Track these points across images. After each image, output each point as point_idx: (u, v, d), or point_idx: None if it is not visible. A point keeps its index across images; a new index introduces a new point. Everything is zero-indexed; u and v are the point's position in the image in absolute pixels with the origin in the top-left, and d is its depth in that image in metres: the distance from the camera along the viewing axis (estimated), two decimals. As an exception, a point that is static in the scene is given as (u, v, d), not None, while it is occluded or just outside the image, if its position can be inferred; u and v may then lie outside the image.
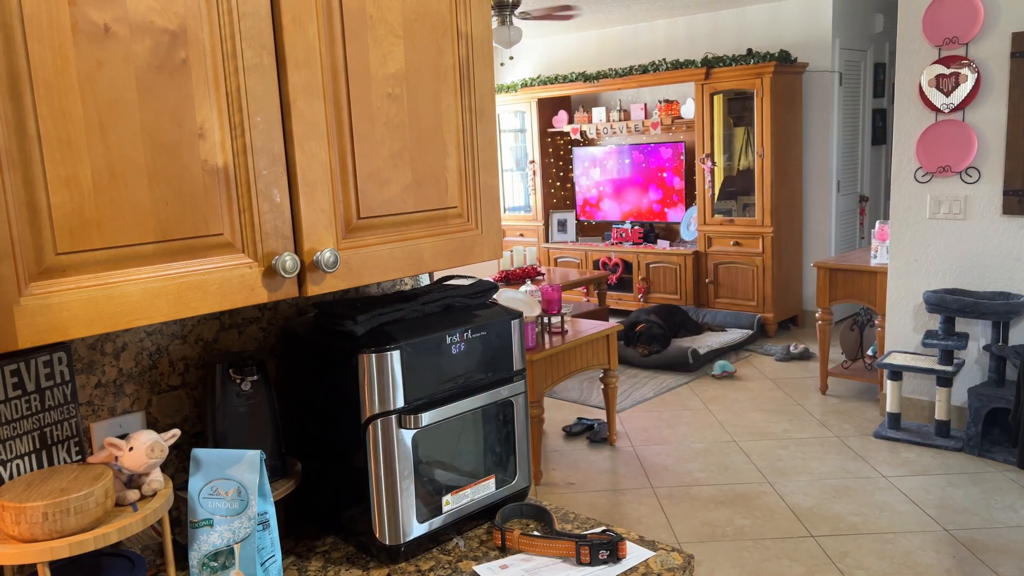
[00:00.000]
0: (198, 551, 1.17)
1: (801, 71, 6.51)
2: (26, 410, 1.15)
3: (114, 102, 0.94)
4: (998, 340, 4.13)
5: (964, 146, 4.15)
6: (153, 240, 1.00)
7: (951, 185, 4.26)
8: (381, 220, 1.23)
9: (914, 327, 4.53)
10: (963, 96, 4.10)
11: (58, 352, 1.18)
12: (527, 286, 4.79)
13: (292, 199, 1.12)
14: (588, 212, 7.93)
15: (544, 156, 8.11)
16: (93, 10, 0.92)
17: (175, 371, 1.37)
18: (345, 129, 1.17)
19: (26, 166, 0.89)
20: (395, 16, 1.21)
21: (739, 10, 6.84)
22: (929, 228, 4.38)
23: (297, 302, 1.52)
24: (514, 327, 1.43)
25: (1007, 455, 4.06)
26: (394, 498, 1.28)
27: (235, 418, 1.29)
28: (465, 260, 1.36)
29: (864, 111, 6.87)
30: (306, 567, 1.32)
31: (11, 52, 0.87)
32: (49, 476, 1.06)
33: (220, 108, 1.04)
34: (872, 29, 6.79)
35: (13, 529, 0.99)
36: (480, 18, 1.32)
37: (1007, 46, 3.98)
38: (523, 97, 8.03)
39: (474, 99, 1.33)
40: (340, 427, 1.33)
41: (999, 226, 4.17)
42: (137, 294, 0.98)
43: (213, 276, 1.05)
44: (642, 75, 7.06)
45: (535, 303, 4.06)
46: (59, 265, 0.92)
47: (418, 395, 1.30)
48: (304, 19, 1.10)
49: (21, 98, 0.88)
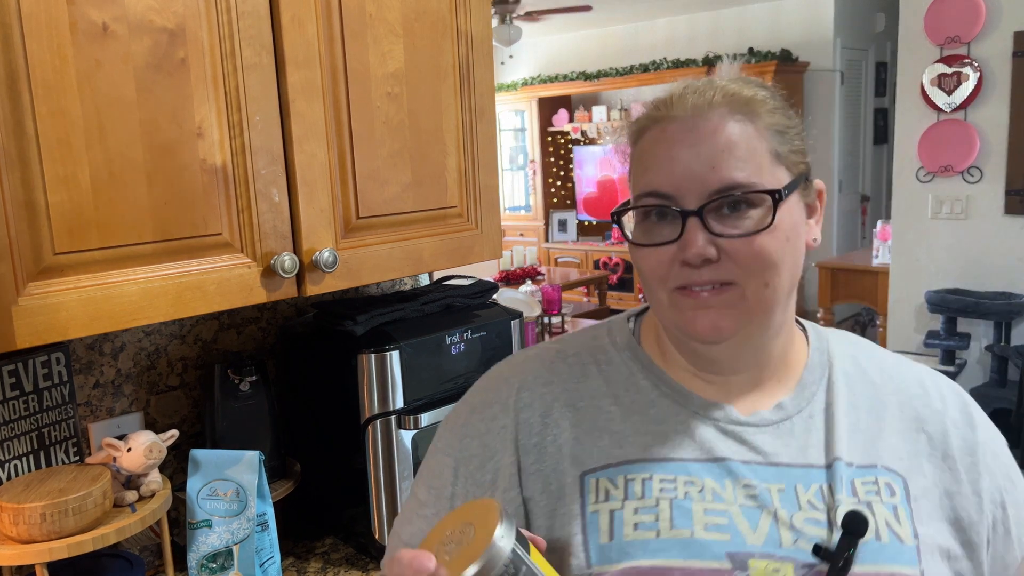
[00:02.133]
0: (197, 552, 1.17)
1: (802, 70, 6.50)
2: (24, 410, 1.15)
3: (113, 101, 0.94)
4: (1000, 340, 4.13)
5: (966, 146, 4.15)
6: (152, 240, 0.99)
7: (953, 185, 4.25)
8: (380, 220, 1.23)
9: (916, 327, 4.52)
10: (965, 95, 4.09)
11: (56, 352, 1.18)
12: (527, 286, 4.80)
13: (291, 199, 1.11)
14: (588, 211, 7.92)
15: (544, 155, 8.10)
16: (92, 9, 0.92)
17: (174, 371, 1.36)
18: (344, 129, 1.16)
19: (24, 166, 0.88)
20: (395, 15, 1.20)
21: (740, 9, 6.83)
22: (931, 228, 4.37)
23: (296, 302, 1.52)
24: (514, 327, 1.43)
25: (1008, 455, 4.05)
26: (394, 499, 1.28)
27: (234, 419, 1.29)
28: (465, 260, 1.35)
29: (865, 110, 6.86)
30: (305, 568, 1.31)
31: (9, 51, 0.86)
32: (47, 477, 1.05)
33: (219, 107, 1.03)
34: (873, 28, 6.78)
35: (11, 530, 0.98)
36: (480, 17, 1.32)
37: (1009, 45, 3.98)
38: (523, 96, 8.02)
39: (474, 98, 1.33)
40: (339, 427, 1.32)
41: (1001, 226, 4.16)
42: (136, 294, 0.98)
43: (212, 276, 1.05)
44: (643, 74, 7.05)
45: (535, 303, 4.06)
46: (57, 265, 0.92)
47: (418, 395, 1.29)
48: (303, 18, 1.09)
49: (19, 98, 0.87)
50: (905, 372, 0.81)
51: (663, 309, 0.73)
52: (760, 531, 0.69)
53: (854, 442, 0.74)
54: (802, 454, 0.73)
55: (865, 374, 0.79)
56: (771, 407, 0.75)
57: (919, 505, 0.72)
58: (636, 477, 0.72)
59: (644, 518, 0.70)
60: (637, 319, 0.84)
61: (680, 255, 0.69)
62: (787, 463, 0.73)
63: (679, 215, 0.69)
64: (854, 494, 0.71)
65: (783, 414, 0.75)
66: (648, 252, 0.71)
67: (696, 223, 0.68)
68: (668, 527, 0.69)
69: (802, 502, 0.70)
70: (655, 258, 0.71)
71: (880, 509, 0.70)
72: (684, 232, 0.69)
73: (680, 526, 0.69)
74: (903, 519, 0.71)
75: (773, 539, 0.68)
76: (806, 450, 0.73)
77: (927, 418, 0.77)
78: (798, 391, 0.76)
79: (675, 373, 0.78)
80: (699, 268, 0.69)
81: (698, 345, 0.74)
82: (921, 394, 0.79)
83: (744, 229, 0.69)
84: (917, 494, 0.73)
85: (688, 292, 0.70)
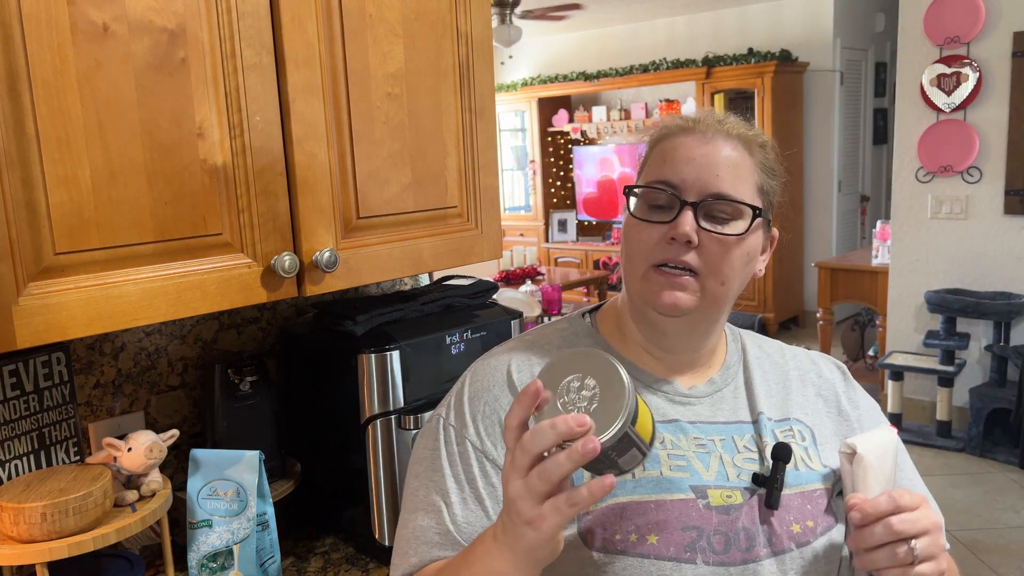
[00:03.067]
0: (197, 552, 1.17)
1: (802, 70, 6.50)
2: (24, 410, 1.15)
3: (113, 101, 0.94)
4: (999, 340, 4.13)
5: (965, 146, 4.15)
6: (152, 240, 0.99)
7: (952, 185, 4.25)
8: (380, 220, 1.23)
9: (915, 327, 4.52)
10: (964, 96, 4.09)
11: (57, 352, 1.18)
12: (527, 286, 4.80)
13: (291, 199, 1.11)
14: (588, 212, 7.92)
15: (544, 155, 8.10)
16: (92, 9, 0.92)
17: (174, 371, 1.37)
18: (344, 129, 1.17)
19: (25, 166, 0.88)
20: (395, 15, 1.20)
21: (740, 9, 6.83)
22: (930, 228, 4.37)
23: (296, 302, 1.52)
24: (514, 327, 1.43)
25: (1009, 456, 4.05)
26: (394, 498, 1.28)
27: (234, 419, 1.29)
28: (465, 260, 1.35)
29: (865, 111, 6.86)
30: (305, 568, 1.32)
31: (10, 52, 0.87)
32: (48, 476, 1.06)
33: (219, 108, 1.03)
34: (873, 28, 6.78)
35: (12, 530, 0.98)
36: (480, 17, 1.32)
37: (1008, 45, 3.98)
38: (523, 96, 8.02)
39: (474, 99, 1.33)
40: (340, 427, 1.32)
41: (1000, 226, 4.16)
42: (136, 294, 0.98)
43: (212, 276, 1.05)
44: (642, 74, 7.05)
45: (535, 303, 4.06)
46: (58, 265, 0.92)
47: (418, 395, 1.29)
48: (303, 18, 1.09)
49: (20, 98, 0.87)
50: (799, 354, 1.05)
51: (635, 281, 0.90)
52: (711, 469, 0.88)
53: (770, 403, 0.95)
54: (734, 414, 0.94)
55: (770, 357, 1.02)
56: (705, 382, 0.95)
57: (824, 448, 0.94)
58: None
59: None
60: (591, 314, 1.02)
61: (669, 233, 0.86)
62: (723, 421, 0.93)
63: (678, 203, 0.86)
64: (775, 438, 0.91)
65: (714, 387, 0.95)
66: (643, 227, 0.88)
67: (690, 212, 0.86)
68: (641, 470, 0.86)
69: (739, 447, 0.91)
70: (647, 233, 0.88)
71: (796, 449, 0.91)
72: (678, 217, 0.86)
73: (650, 468, 0.87)
74: (813, 456, 0.93)
75: (722, 474, 0.88)
76: (736, 411, 0.94)
77: (820, 386, 1.01)
78: (723, 371, 0.97)
79: (630, 352, 0.95)
80: (680, 247, 0.85)
81: (657, 316, 0.90)
82: (813, 368, 1.03)
83: (723, 231, 0.87)
84: (822, 440, 0.95)
85: (662, 272, 0.87)
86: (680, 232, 0.84)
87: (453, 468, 0.88)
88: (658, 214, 0.88)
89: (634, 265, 0.90)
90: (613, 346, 0.96)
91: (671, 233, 0.85)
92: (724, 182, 0.87)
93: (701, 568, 0.82)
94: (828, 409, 0.99)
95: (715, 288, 0.88)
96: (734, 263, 0.88)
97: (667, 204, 0.87)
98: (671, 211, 0.86)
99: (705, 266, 0.86)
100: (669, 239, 0.86)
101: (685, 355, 0.95)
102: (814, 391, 1.00)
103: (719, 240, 0.86)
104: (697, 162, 0.87)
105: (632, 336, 0.96)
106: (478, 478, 0.87)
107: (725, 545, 0.84)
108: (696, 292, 0.87)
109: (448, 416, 0.92)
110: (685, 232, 0.84)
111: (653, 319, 0.91)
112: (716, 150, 0.88)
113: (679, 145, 0.89)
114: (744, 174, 0.89)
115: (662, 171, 0.89)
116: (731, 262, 0.87)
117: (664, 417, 0.91)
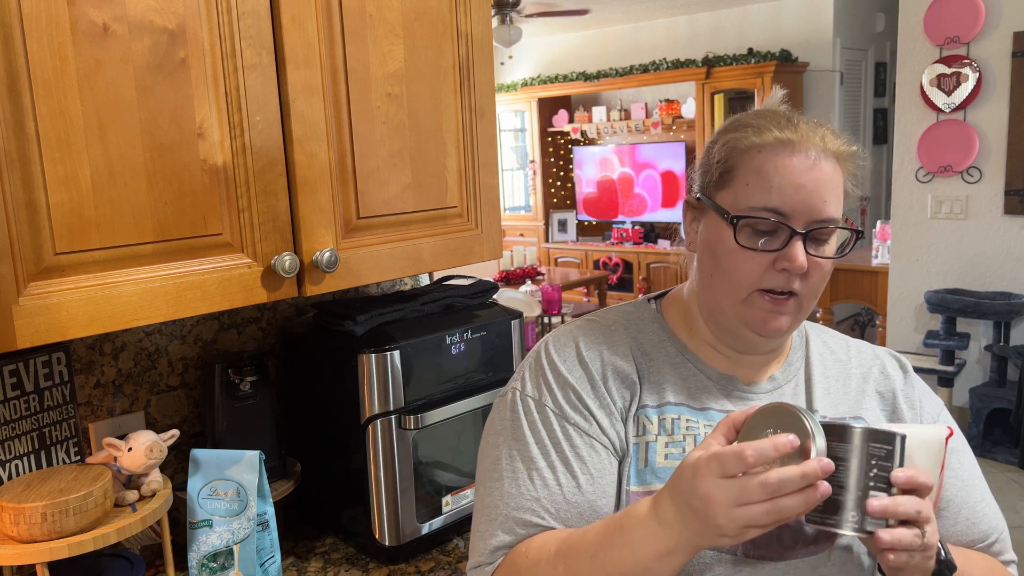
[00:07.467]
0: (197, 552, 1.17)
1: (802, 70, 6.50)
2: (25, 410, 1.15)
3: (113, 102, 0.94)
4: (999, 340, 4.13)
5: (965, 146, 4.15)
6: (152, 240, 0.99)
7: (952, 185, 4.25)
8: (381, 220, 1.23)
9: (915, 327, 4.52)
10: (964, 96, 4.09)
11: (57, 352, 1.18)
12: (527, 286, 4.80)
13: (291, 199, 1.11)
14: (588, 211, 7.92)
15: (544, 156, 8.10)
16: (92, 9, 0.92)
17: (174, 371, 1.37)
18: (344, 129, 1.17)
19: (25, 166, 0.88)
20: (395, 15, 1.20)
21: (740, 9, 6.83)
22: (930, 228, 4.37)
23: (296, 302, 1.52)
24: (514, 327, 1.43)
25: (1008, 455, 4.05)
26: (394, 498, 1.28)
27: (234, 418, 1.29)
28: (465, 260, 1.35)
29: (865, 111, 6.86)
30: (306, 568, 1.32)
31: (10, 52, 0.87)
32: (48, 477, 1.06)
33: (219, 108, 1.03)
34: (873, 28, 6.78)
35: (12, 530, 0.98)
36: (480, 17, 1.32)
37: (1008, 46, 3.98)
38: (523, 96, 8.02)
39: (474, 99, 1.33)
40: (340, 427, 1.32)
41: (1000, 226, 4.16)
42: (136, 294, 0.98)
43: (212, 276, 1.05)
44: (643, 74, 7.05)
45: (535, 303, 4.06)
46: (58, 265, 0.92)
47: (418, 395, 1.29)
48: (304, 18, 1.09)
49: (20, 98, 0.87)
50: (864, 350, 1.05)
51: (735, 303, 0.90)
52: None
53: (827, 401, 0.98)
54: None
55: (834, 354, 1.03)
56: (766, 379, 0.98)
57: None
58: (667, 417, 0.92)
59: (672, 450, 0.90)
60: (656, 300, 1.03)
61: (780, 263, 0.86)
62: None
63: (788, 232, 0.86)
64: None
65: (775, 384, 0.98)
66: (751, 255, 0.87)
67: (800, 242, 0.86)
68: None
69: None
70: (755, 261, 0.87)
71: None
72: (788, 246, 0.86)
73: None
74: None
75: None
76: None
77: (881, 382, 1.02)
78: (785, 367, 0.99)
79: (694, 345, 0.97)
80: (792, 277, 0.87)
81: (751, 335, 0.91)
82: (876, 364, 1.03)
83: (825, 254, 0.88)
84: None
85: (770, 297, 0.88)
86: (797, 265, 0.85)
87: (536, 435, 0.91)
88: (763, 239, 0.88)
89: (735, 288, 0.89)
90: (678, 335, 0.98)
91: (782, 264, 0.86)
92: (829, 206, 0.87)
93: (740, 559, 0.87)
94: (884, 406, 1.00)
95: (809, 304, 0.90)
96: (827, 280, 0.91)
97: (772, 230, 0.87)
98: (777, 238, 0.87)
99: (806, 288, 0.88)
100: (779, 269, 0.86)
101: (755, 356, 0.97)
102: (874, 388, 1.01)
103: (821, 264, 0.88)
104: (806, 188, 0.86)
105: (699, 332, 0.97)
106: (562, 440, 0.90)
107: (767, 540, 0.87)
108: (796, 312, 0.90)
109: (524, 388, 0.94)
110: (802, 265, 0.85)
111: (739, 332, 0.92)
112: (822, 174, 0.87)
113: (783, 169, 0.87)
114: (840, 191, 0.90)
115: (769, 198, 0.86)
116: (826, 280, 0.90)
117: (722, 409, 0.94)
